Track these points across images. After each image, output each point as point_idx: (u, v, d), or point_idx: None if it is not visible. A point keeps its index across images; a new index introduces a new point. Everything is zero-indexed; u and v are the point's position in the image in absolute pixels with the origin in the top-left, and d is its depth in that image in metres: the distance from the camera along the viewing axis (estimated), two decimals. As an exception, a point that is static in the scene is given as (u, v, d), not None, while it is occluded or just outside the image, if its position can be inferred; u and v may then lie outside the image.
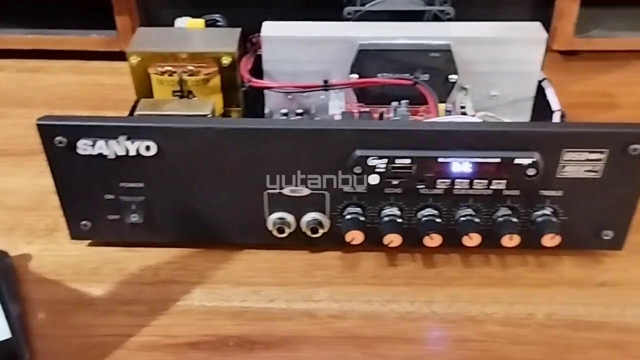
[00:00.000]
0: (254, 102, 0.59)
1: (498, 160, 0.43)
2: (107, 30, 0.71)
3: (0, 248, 0.48)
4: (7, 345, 0.36)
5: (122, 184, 0.45)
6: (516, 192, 0.44)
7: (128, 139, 0.43)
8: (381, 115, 0.55)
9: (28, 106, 0.66)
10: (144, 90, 0.56)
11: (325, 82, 0.53)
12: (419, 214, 0.46)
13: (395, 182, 0.44)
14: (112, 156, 0.43)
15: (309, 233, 0.47)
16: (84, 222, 0.47)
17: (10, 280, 0.45)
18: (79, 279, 0.46)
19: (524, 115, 0.58)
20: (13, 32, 0.72)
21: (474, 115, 0.54)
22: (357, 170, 0.43)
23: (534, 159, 0.42)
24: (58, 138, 0.43)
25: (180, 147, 0.43)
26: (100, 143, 0.43)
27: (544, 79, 0.59)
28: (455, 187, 0.44)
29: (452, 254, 0.48)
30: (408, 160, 0.43)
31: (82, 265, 0.47)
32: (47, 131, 0.43)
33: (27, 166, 0.57)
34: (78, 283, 0.46)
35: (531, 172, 0.43)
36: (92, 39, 0.72)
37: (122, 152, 0.43)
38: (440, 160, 0.43)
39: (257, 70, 0.57)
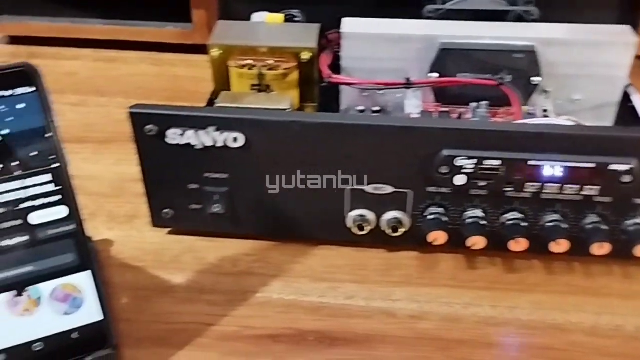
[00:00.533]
0: (328, 99, 0.59)
1: (592, 165, 0.41)
2: (183, 22, 0.72)
3: (83, 232, 0.49)
4: (98, 328, 0.37)
5: (207, 175, 0.46)
6: (608, 199, 0.43)
7: (217, 129, 0.43)
8: (460, 115, 0.54)
9: (105, 95, 0.68)
10: (223, 83, 0.56)
11: (408, 80, 0.53)
12: (504, 217, 0.45)
13: (482, 183, 0.43)
14: (199, 146, 0.44)
15: (389, 232, 0.46)
16: (166, 211, 0.48)
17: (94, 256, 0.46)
18: (160, 266, 0.47)
19: (606, 121, 0.56)
20: (91, 22, 0.74)
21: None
22: (444, 170, 0.43)
23: (631, 166, 0.41)
24: (149, 126, 0.43)
25: (266, 139, 0.44)
26: (190, 133, 0.43)
27: (629, 85, 0.57)
28: (544, 191, 0.43)
29: (534, 260, 0.47)
30: (498, 162, 0.42)
31: (163, 252, 0.48)
32: (138, 119, 0.43)
33: (106, 153, 0.58)
34: (159, 270, 0.47)
35: (627, 179, 0.41)
36: (168, 31, 0.73)
37: (209, 143, 0.44)
38: (530, 163, 0.42)
39: (334, 67, 0.57)
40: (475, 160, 0.42)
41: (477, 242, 0.44)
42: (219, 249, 0.48)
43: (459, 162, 0.42)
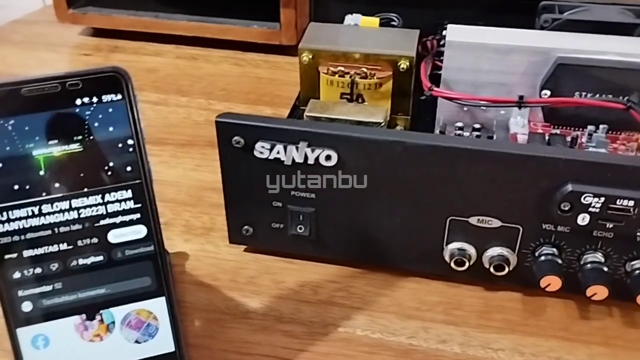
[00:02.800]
0: (421, 111, 0.54)
1: None
2: (269, 22, 0.69)
3: (158, 243, 0.46)
4: (169, 359, 0.33)
5: (293, 193, 0.42)
6: None
7: (309, 145, 0.39)
8: (574, 139, 0.48)
9: (186, 94, 0.65)
10: (311, 89, 0.52)
11: (521, 97, 0.47)
12: (629, 265, 0.39)
13: (609, 225, 0.37)
14: (288, 162, 0.40)
15: (491, 270, 0.41)
16: (246, 227, 0.44)
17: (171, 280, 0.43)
18: (236, 286, 0.44)
19: None
20: (175, 17, 0.72)
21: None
22: (565, 206, 0.37)
23: None
24: (236, 138, 0.40)
25: (362, 159, 0.39)
26: (279, 147, 0.40)
27: None
28: (685, 240, 0.37)
29: (659, 313, 0.41)
30: (631, 203, 0.36)
31: (240, 272, 0.45)
32: (225, 129, 0.40)
33: (184, 158, 0.56)
34: (234, 291, 0.43)
35: None
36: (254, 30, 0.69)
37: (299, 159, 0.40)
38: (672, 206, 0.36)
39: (432, 77, 0.52)
40: (603, 199, 0.36)
41: (599, 292, 0.38)
42: (298, 273, 0.44)
43: (585, 199, 0.37)
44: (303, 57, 0.52)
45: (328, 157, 0.39)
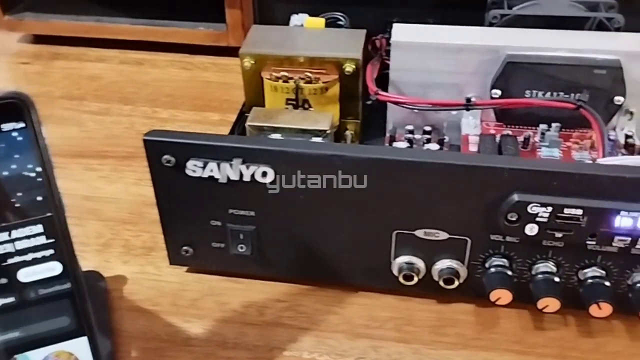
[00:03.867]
0: (373, 114, 0.52)
1: (702, 219, 0.33)
2: (216, 23, 0.66)
3: (94, 267, 0.44)
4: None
5: (231, 211, 0.39)
6: None
7: (243, 162, 0.37)
8: (527, 139, 0.46)
9: (130, 102, 0.62)
10: (255, 95, 0.50)
11: (468, 100, 0.45)
12: (582, 273, 0.38)
13: (558, 234, 0.36)
14: (223, 180, 0.38)
15: (441, 283, 0.39)
16: (185, 248, 0.42)
17: (104, 308, 0.40)
18: (177, 311, 0.41)
19: (701, 148, 0.48)
20: (118, 21, 0.69)
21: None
22: (512, 217, 0.36)
23: None
24: (166, 157, 0.37)
25: (300, 174, 0.37)
26: (212, 165, 0.37)
27: None
28: (637, 246, 0.35)
29: (614, 320, 0.40)
30: (579, 211, 0.34)
31: (181, 294, 0.42)
32: (154, 148, 0.37)
33: (126, 171, 0.53)
34: (176, 316, 0.41)
35: None
36: (200, 32, 0.67)
37: (235, 177, 0.37)
38: (622, 214, 0.34)
39: (381, 78, 0.50)
40: (551, 208, 0.35)
41: (550, 304, 0.37)
42: (244, 293, 0.42)
43: (532, 209, 0.35)
44: (245, 63, 0.50)
45: (264, 174, 0.37)
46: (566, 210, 0.35)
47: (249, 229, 0.40)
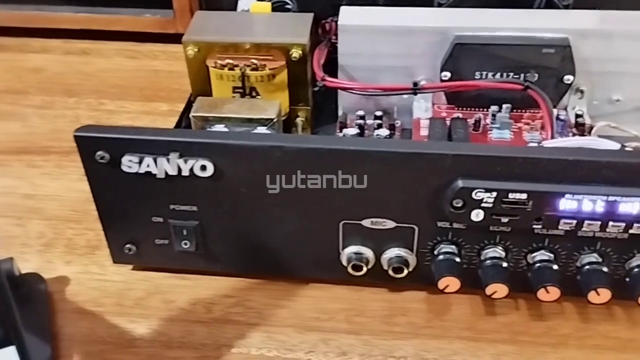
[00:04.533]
0: (324, 100, 0.51)
1: (644, 199, 0.33)
2: (163, 9, 0.64)
3: (35, 268, 0.42)
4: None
5: (172, 207, 0.38)
6: (662, 238, 0.35)
7: (181, 156, 0.36)
8: (477, 121, 0.46)
9: (76, 94, 0.60)
10: (202, 84, 0.49)
11: (415, 84, 0.44)
12: (530, 257, 0.37)
13: (504, 219, 0.35)
14: (161, 175, 0.36)
15: (390, 272, 0.39)
16: (128, 246, 0.40)
17: (44, 312, 0.39)
18: (122, 311, 0.40)
19: (652, 124, 0.48)
20: (62, 9, 0.66)
21: (591, 126, 0.45)
22: (457, 203, 0.35)
23: (692, 200, 0.33)
24: (100, 153, 0.36)
25: (241, 167, 0.36)
26: (148, 160, 0.36)
27: (678, 80, 0.48)
28: (582, 229, 0.35)
29: (565, 302, 0.39)
30: (524, 196, 0.34)
31: (126, 294, 0.41)
32: (86, 144, 0.36)
33: (70, 167, 0.51)
34: (120, 317, 0.40)
35: (687, 215, 0.33)
36: (146, 19, 0.64)
37: (173, 172, 0.36)
38: (567, 197, 0.34)
39: (331, 62, 0.48)
40: (495, 194, 0.34)
41: (499, 290, 0.36)
42: (191, 290, 0.41)
43: (476, 195, 0.34)
44: (188, 51, 0.48)
45: (203, 167, 0.36)
46: (511, 195, 0.34)
47: (191, 224, 0.39)
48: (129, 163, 0.36)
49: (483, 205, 0.35)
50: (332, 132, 0.48)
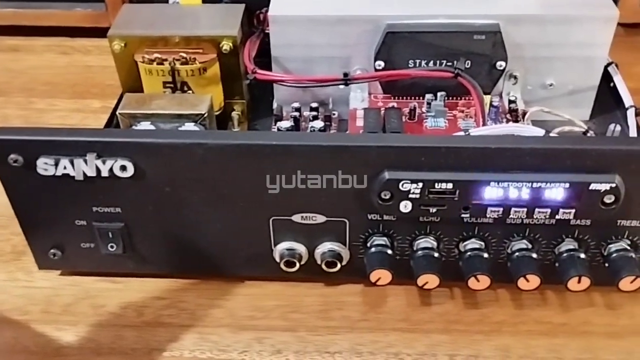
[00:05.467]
0: (261, 92, 0.50)
1: (567, 185, 0.33)
2: (94, 2, 0.62)
3: (-44, 278, 0.40)
4: None
5: (95, 209, 0.37)
6: (586, 222, 0.35)
7: (98, 157, 0.34)
8: (412, 110, 0.45)
9: (4, 93, 0.58)
10: (132, 80, 0.47)
11: (346, 75, 0.44)
12: (462, 246, 0.37)
13: (432, 210, 0.35)
14: (79, 177, 0.35)
15: (324, 267, 0.38)
16: (52, 251, 0.39)
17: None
18: (49, 318, 0.39)
19: (584, 107, 0.48)
20: (-11, 5, 0.63)
21: (524, 112, 0.45)
22: (385, 195, 0.34)
23: (613, 184, 0.33)
24: (13, 156, 0.34)
25: (162, 166, 0.35)
26: (64, 162, 0.34)
27: (610, 64, 0.49)
28: (510, 216, 0.35)
29: (500, 289, 0.39)
30: (450, 185, 0.34)
31: (54, 300, 0.40)
32: (-3, 147, 0.34)
33: (-3, 170, 0.49)
34: (47, 324, 0.38)
35: (609, 199, 0.33)
36: (77, 14, 0.62)
37: (92, 173, 0.35)
38: (492, 185, 0.33)
39: (267, 53, 0.47)
40: (421, 184, 0.34)
41: (430, 280, 0.36)
42: (122, 293, 0.40)
43: (403, 186, 0.34)
44: (114, 46, 0.46)
45: (123, 168, 0.35)
46: (437, 185, 0.34)
47: (117, 226, 0.37)
48: (45, 166, 0.34)
49: (411, 196, 0.34)
50: (271, 125, 0.47)
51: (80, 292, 0.40)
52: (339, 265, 0.38)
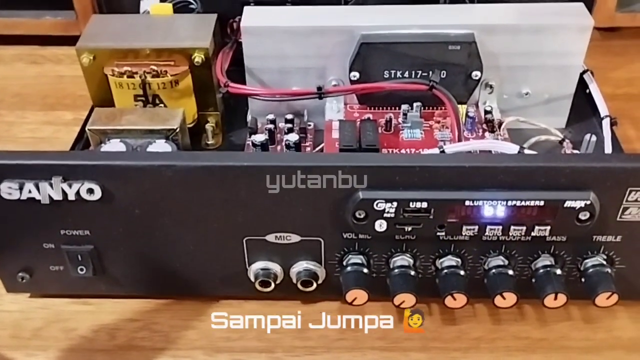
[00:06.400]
0: (235, 103, 0.49)
1: (541, 203, 0.33)
2: (64, 10, 0.60)
3: None
4: None
5: (63, 232, 0.36)
6: (562, 238, 0.35)
7: (64, 180, 0.33)
8: (389, 122, 0.45)
9: (-28, 106, 0.56)
10: (102, 93, 0.46)
11: (319, 88, 0.43)
12: (438, 262, 0.37)
13: (407, 228, 0.34)
14: (45, 201, 0.34)
15: (299, 286, 0.37)
16: (20, 274, 0.38)
17: None
18: (18, 344, 0.38)
19: (560, 115, 0.48)
20: (-45, 13, 0.62)
21: (500, 122, 0.45)
22: (360, 215, 0.34)
23: (588, 202, 0.33)
24: (-26, 180, 0.33)
25: (132, 188, 0.34)
26: (29, 186, 0.33)
27: (585, 71, 0.49)
28: (485, 234, 0.34)
29: (477, 304, 0.39)
30: (424, 204, 0.33)
31: (24, 324, 0.39)
32: (-43, 172, 0.33)
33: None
34: (16, 350, 0.37)
35: (584, 216, 0.33)
36: (47, 22, 0.61)
37: (58, 197, 0.34)
38: (467, 204, 0.33)
39: (241, 62, 0.46)
40: (396, 204, 0.33)
41: (406, 299, 0.35)
42: (94, 315, 0.39)
43: (378, 206, 0.33)
44: (83, 59, 0.46)
45: (90, 191, 0.34)
46: (412, 204, 0.33)
47: (86, 249, 0.36)
48: (9, 190, 0.33)
49: (385, 215, 0.34)
50: (246, 136, 0.47)
51: (51, 315, 0.39)
52: (315, 285, 0.37)
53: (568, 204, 0.33)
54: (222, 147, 0.48)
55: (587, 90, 0.49)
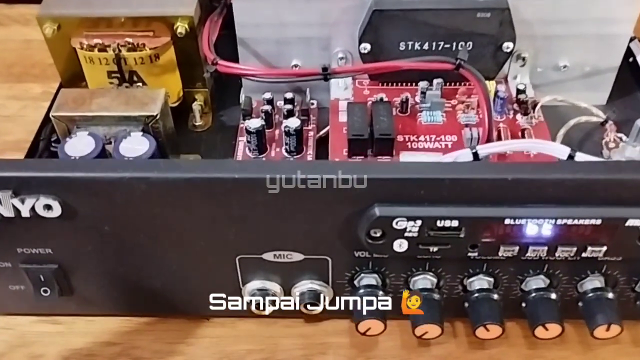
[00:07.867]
0: (227, 78, 0.42)
1: (598, 222, 0.27)
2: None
3: None
4: None
5: (19, 250, 0.30)
6: (617, 258, 0.29)
7: (15, 195, 0.27)
8: (404, 102, 0.38)
9: None
10: (72, 68, 0.40)
11: (325, 69, 0.36)
12: (467, 282, 0.31)
13: (433, 249, 0.29)
14: (-5, 218, 0.28)
15: (302, 309, 0.32)
16: (-23, 294, 0.32)
17: None
18: (-23, 374, 0.32)
19: (602, 91, 0.42)
20: None
21: (534, 102, 0.38)
22: (376, 233, 0.28)
23: (654, 219, 0.27)
24: None
25: (99, 204, 0.28)
26: (-27, 202, 0.27)
27: (633, 39, 0.42)
28: (527, 254, 0.29)
29: (509, 322, 0.34)
30: (455, 223, 0.27)
31: (-17, 349, 0.33)
32: None
33: None
34: (-27, 383, 0.32)
35: (647, 236, 0.27)
36: (11, -22, 0.53)
37: (9, 214, 0.28)
38: (507, 222, 0.27)
39: (232, 26, 0.40)
40: (420, 222, 0.27)
41: (430, 330, 0.30)
42: (63, 338, 0.34)
43: (398, 224, 0.27)
44: (46, 29, 0.39)
45: (48, 207, 0.28)
46: (439, 223, 0.27)
47: (49, 268, 0.31)
48: (-50, 206, 0.27)
49: (407, 234, 0.28)
50: (239, 117, 0.40)
51: (14, 338, 0.34)
52: (321, 305, 0.32)
53: (631, 222, 0.27)
54: (211, 128, 0.42)
55: (631, 59, 0.42)
